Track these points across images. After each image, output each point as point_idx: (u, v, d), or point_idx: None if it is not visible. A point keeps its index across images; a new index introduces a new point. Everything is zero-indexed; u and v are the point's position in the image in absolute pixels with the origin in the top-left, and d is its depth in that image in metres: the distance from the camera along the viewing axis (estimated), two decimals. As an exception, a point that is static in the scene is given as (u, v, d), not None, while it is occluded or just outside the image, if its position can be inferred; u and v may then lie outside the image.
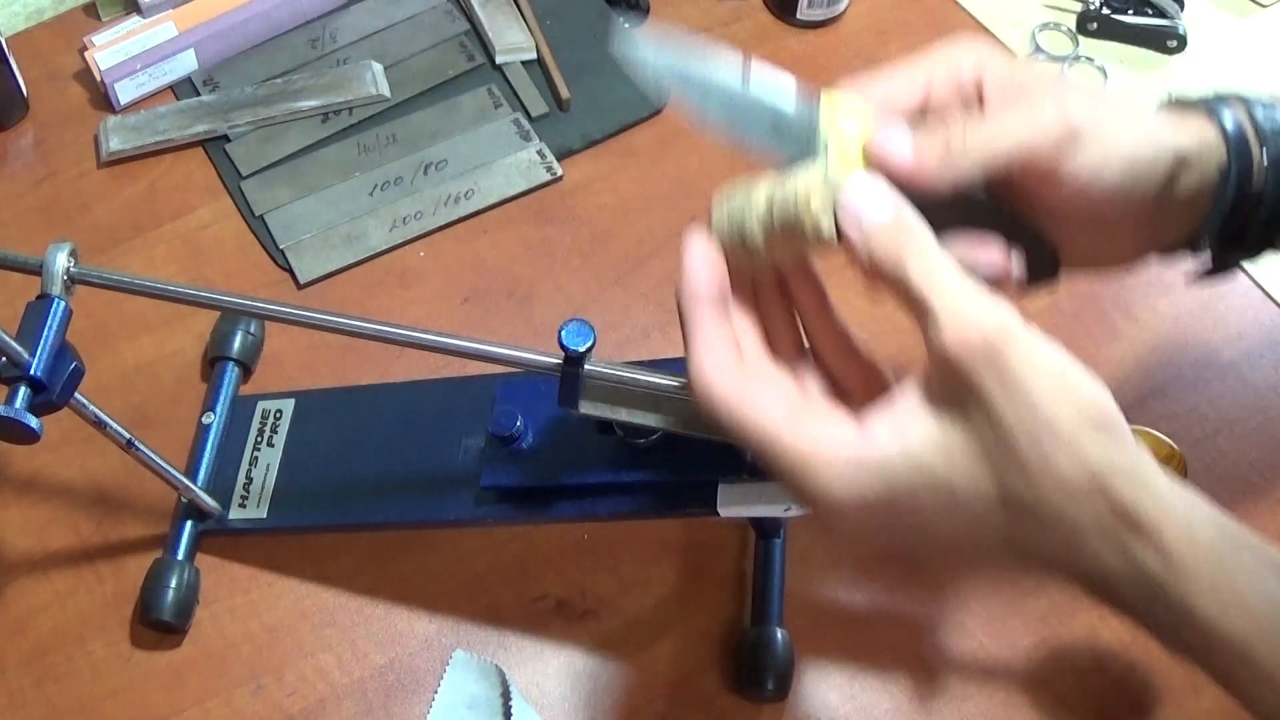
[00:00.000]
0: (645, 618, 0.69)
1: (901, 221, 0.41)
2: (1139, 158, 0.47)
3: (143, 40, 0.88)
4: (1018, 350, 0.38)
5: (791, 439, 0.40)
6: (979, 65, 0.47)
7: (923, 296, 0.39)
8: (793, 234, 0.43)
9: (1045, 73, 0.48)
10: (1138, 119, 0.47)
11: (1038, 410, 0.38)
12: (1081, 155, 0.45)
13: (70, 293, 0.56)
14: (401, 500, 0.68)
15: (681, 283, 0.44)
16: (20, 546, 0.71)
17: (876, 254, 0.40)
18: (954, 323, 0.38)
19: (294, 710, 0.66)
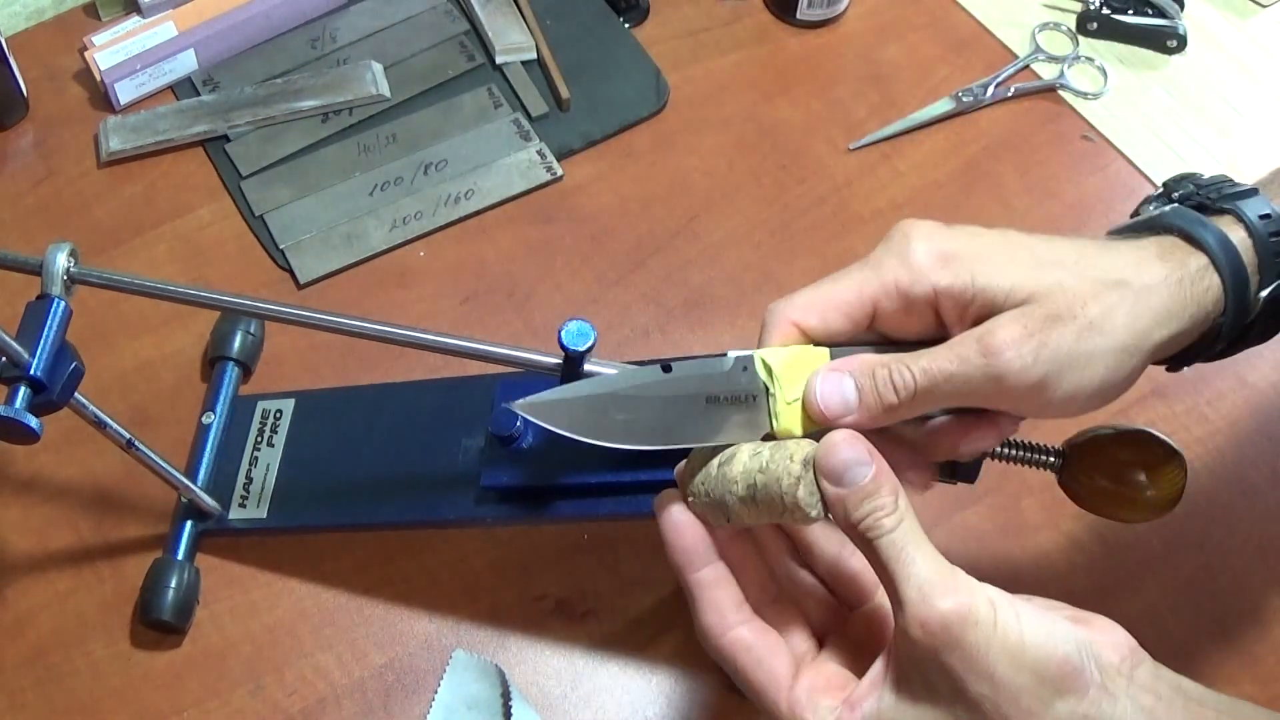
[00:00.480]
0: (645, 618, 0.69)
1: (875, 498, 0.42)
2: (1113, 379, 0.46)
3: (143, 40, 0.88)
4: (976, 635, 0.40)
5: (787, 712, 0.44)
6: (928, 279, 0.46)
7: (890, 581, 0.42)
8: (774, 512, 0.44)
9: (1007, 287, 0.45)
10: (1110, 337, 0.45)
11: (998, 685, 0.41)
12: (1046, 397, 0.45)
13: (70, 293, 0.56)
14: (401, 500, 0.68)
15: (670, 554, 0.47)
16: (20, 546, 0.71)
17: (854, 523, 0.43)
18: (917, 612, 0.41)
19: (294, 710, 0.66)
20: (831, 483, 0.42)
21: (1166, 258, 0.47)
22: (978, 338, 0.44)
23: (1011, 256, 0.46)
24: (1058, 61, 0.92)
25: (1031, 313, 0.44)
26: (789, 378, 0.46)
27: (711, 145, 0.88)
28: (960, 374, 0.44)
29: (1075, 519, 0.70)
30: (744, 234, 0.84)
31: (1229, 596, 0.70)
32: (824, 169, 0.87)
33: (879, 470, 0.42)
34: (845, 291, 0.47)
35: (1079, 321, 0.45)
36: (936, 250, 0.46)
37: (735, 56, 0.93)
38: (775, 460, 0.44)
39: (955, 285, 0.45)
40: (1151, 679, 0.43)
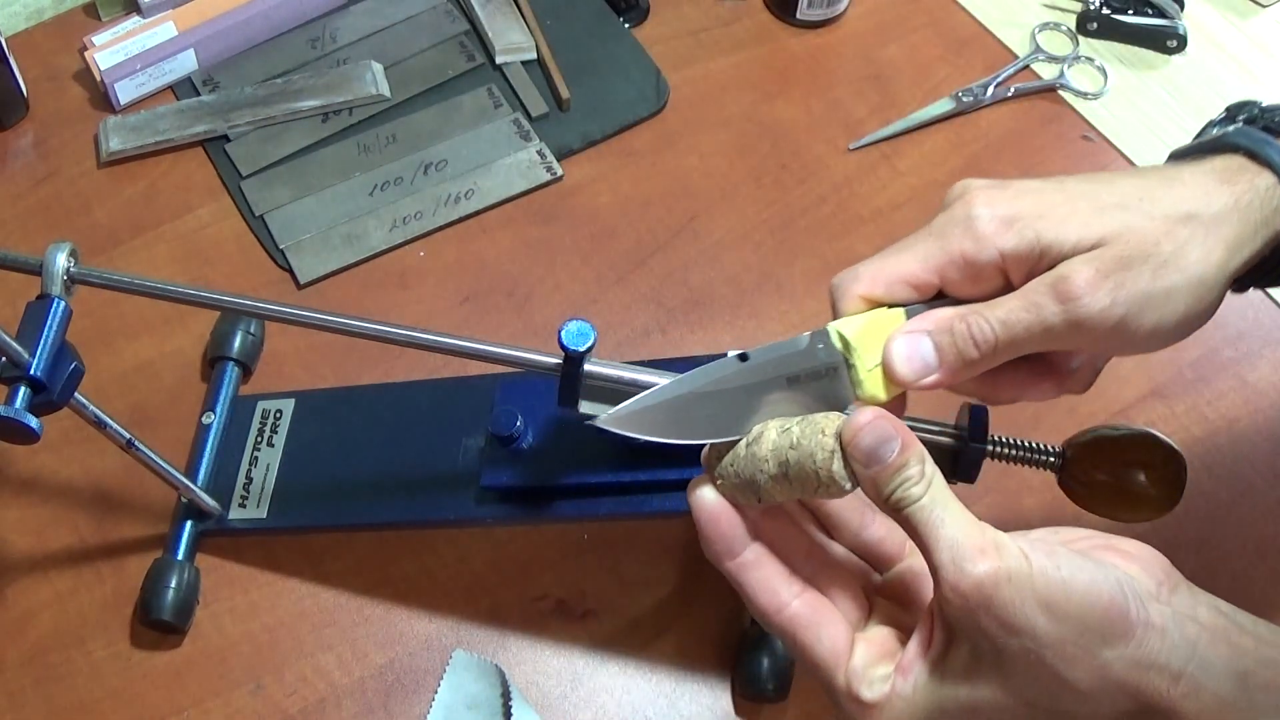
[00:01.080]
0: (645, 618, 0.69)
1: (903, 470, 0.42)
2: (1194, 311, 0.46)
3: (143, 40, 0.88)
4: (1008, 592, 0.40)
5: (845, 687, 0.44)
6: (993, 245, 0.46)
7: (925, 548, 0.42)
8: (808, 488, 0.44)
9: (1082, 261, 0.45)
10: (1186, 272, 0.45)
11: (1039, 638, 0.40)
12: (1127, 336, 0.45)
13: (70, 293, 0.56)
14: (401, 500, 0.68)
15: (707, 543, 0.46)
16: (20, 546, 0.71)
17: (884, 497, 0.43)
18: (949, 577, 0.41)
19: (294, 710, 0.66)
20: (860, 463, 0.42)
21: (1233, 179, 0.46)
22: (1051, 284, 0.44)
23: (1073, 208, 0.46)
24: (1058, 61, 0.92)
25: (1103, 255, 0.44)
26: (866, 345, 0.46)
27: (711, 145, 0.88)
28: (1039, 323, 0.44)
29: (1075, 519, 0.70)
30: (744, 234, 0.84)
31: (1229, 596, 0.69)
32: (824, 169, 0.87)
33: (905, 443, 0.42)
34: (910, 263, 0.47)
35: (1153, 260, 0.44)
36: (998, 215, 0.46)
37: (735, 56, 0.93)
38: (806, 436, 0.43)
39: (1021, 247, 0.45)
40: (1190, 603, 0.43)
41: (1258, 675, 0.42)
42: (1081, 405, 0.76)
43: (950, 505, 0.42)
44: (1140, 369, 0.78)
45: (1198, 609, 0.43)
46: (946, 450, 0.53)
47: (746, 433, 0.45)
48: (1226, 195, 0.46)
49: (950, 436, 0.53)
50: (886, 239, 0.86)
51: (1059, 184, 0.47)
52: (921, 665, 0.43)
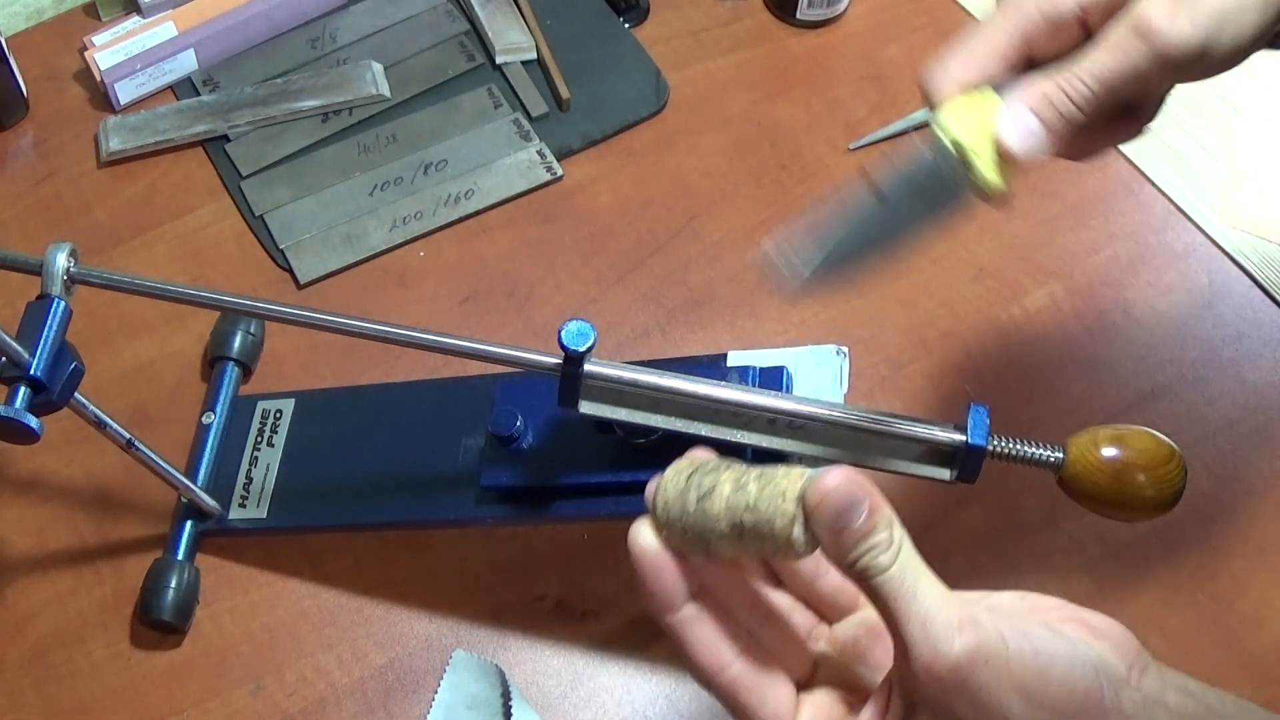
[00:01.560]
0: (645, 618, 0.68)
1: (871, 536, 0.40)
2: (1268, 18, 0.46)
3: (143, 40, 0.88)
4: (985, 676, 0.39)
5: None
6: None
7: (891, 619, 0.40)
8: (763, 551, 0.41)
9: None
10: None
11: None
12: (1211, 58, 0.46)
13: (70, 293, 0.56)
14: (401, 500, 0.68)
15: (646, 596, 0.43)
16: (20, 546, 0.71)
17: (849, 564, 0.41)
18: (922, 655, 0.39)
19: (294, 710, 0.66)
20: (825, 528, 0.40)
21: None
22: (1132, 26, 0.45)
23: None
24: (1058, 61, 0.92)
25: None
26: (977, 140, 0.46)
27: (711, 145, 0.88)
28: (1129, 64, 0.45)
29: (1075, 519, 0.70)
30: (744, 234, 0.84)
31: (1229, 596, 0.70)
32: (824, 169, 0.87)
33: (873, 506, 0.40)
34: (997, 35, 0.47)
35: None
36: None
37: (735, 56, 0.93)
38: (765, 499, 0.40)
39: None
40: (1159, 686, 0.42)
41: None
42: (1082, 405, 0.76)
43: (920, 574, 0.40)
44: (1140, 369, 0.78)
45: (1167, 693, 0.42)
46: (946, 450, 0.53)
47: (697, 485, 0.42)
48: None
49: (950, 436, 0.53)
50: (886, 239, 0.85)
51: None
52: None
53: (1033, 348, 0.78)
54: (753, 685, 0.43)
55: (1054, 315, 0.79)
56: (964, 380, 0.77)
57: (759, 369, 0.59)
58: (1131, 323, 0.80)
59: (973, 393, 0.76)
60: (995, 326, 0.79)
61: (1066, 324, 0.79)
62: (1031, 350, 0.78)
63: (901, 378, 0.77)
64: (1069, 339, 0.79)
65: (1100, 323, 0.80)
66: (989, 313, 0.79)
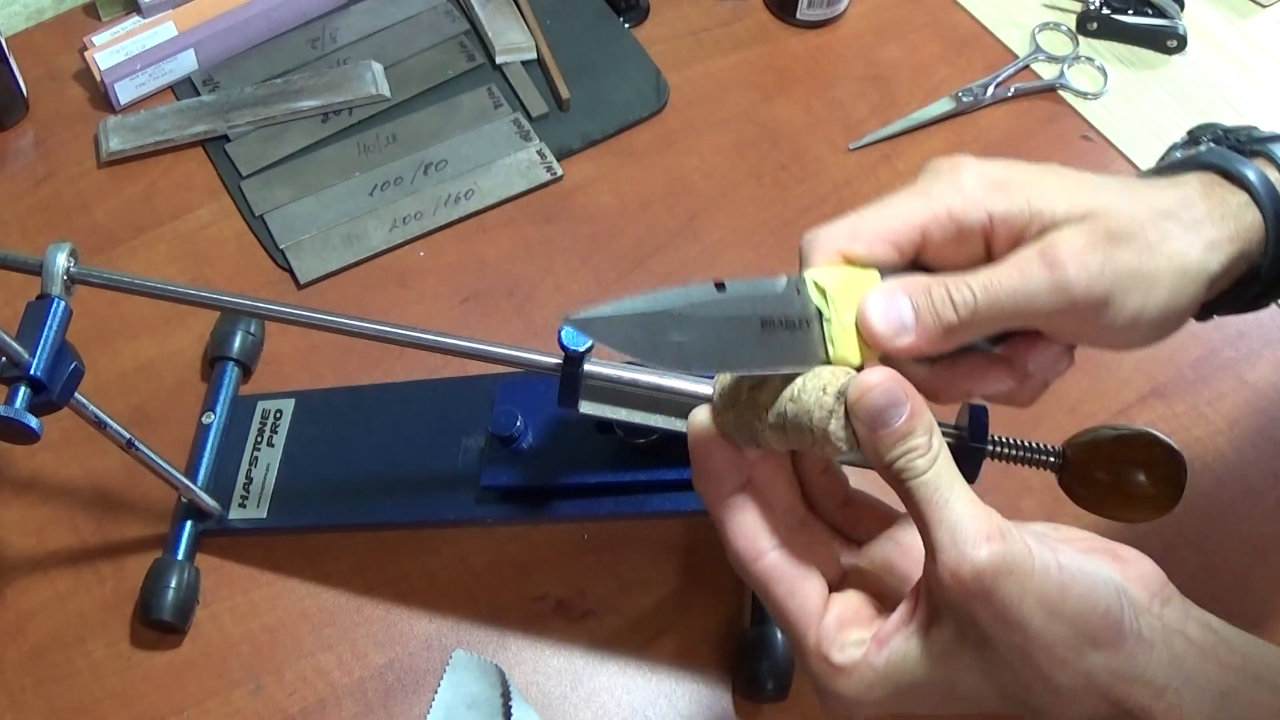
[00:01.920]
0: (645, 618, 0.69)
1: (909, 439, 0.41)
2: (1175, 305, 0.45)
3: (143, 40, 0.88)
4: (1009, 585, 0.39)
5: (815, 645, 0.43)
6: (982, 205, 0.44)
7: (923, 523, 0.41)
8: (804, 442, 0.42)
9: (1067, 210, 0.44)
10: (1170, 260, 0.44)
11: (1031, 637, 0.40)
12: (1109, 317, 0.44)
13: (70, 293, 0.56)
14: (401, 500, 0.68)
15: (697, 478, 0.44)
16: (20, 546, 0.71)
17: (886, 464, 0.41)
18: (948, 560, 0.40)
19: (294, 710, 0.66)
20: (865, 425, 0.40)
21: (1208, 195, 0.47)
22: (1040, 250, 0.43)
23: (1063, 183, 0.45)
24: (1058, 61, 0.92)
25: (1094, 227, 0.43)
26: (844, 300, 0.43)
27: (711, 145, 0.88)
28: (1023, 289, 0.43)
29: (1075, 519, 0.70)
30: (744, 234, 0.84)
31: (1229, 596, 0.70)
32: (824, 169, 0.87)
33: (914, 410, 0.40)
34: (893, 218, 0.45)
35: (1139, 242, 0.44)
36: (988, 177, 0.45)
37: (735, 56, 0.93)
38: (807, 390, 0.41)
39: (1011, 210, 0.44)
40: (1181, 617, 0.42)
41: (1243, 694, 0.42)
42: (1081, 405, 0.76)
43: (955, 483, 0.41)
44: (1140, 369, 0.78)
45: (1188, 624, 0.42)
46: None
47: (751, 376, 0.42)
48: (1203, 206, 0.46)
49: (950, 436, 0.53)
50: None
51: (1044, 166, 0.47)
52: (900, 639, 0.42)
53: (1033, 348, 0.78)
54: (784, 576, 0.44)
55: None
56: (964, 380, 0.77)
57: (759, 369, 0.59)
58: (1131, 323, 0.80)
59: (973, 393, 0.76)
60: (995, 326, 0.79)
61: (1066, 324, 0.79)
62: (1031, 350, 0.78)
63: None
64: (1069, 339, 0.79)
65: (1100, 323, 0.80)
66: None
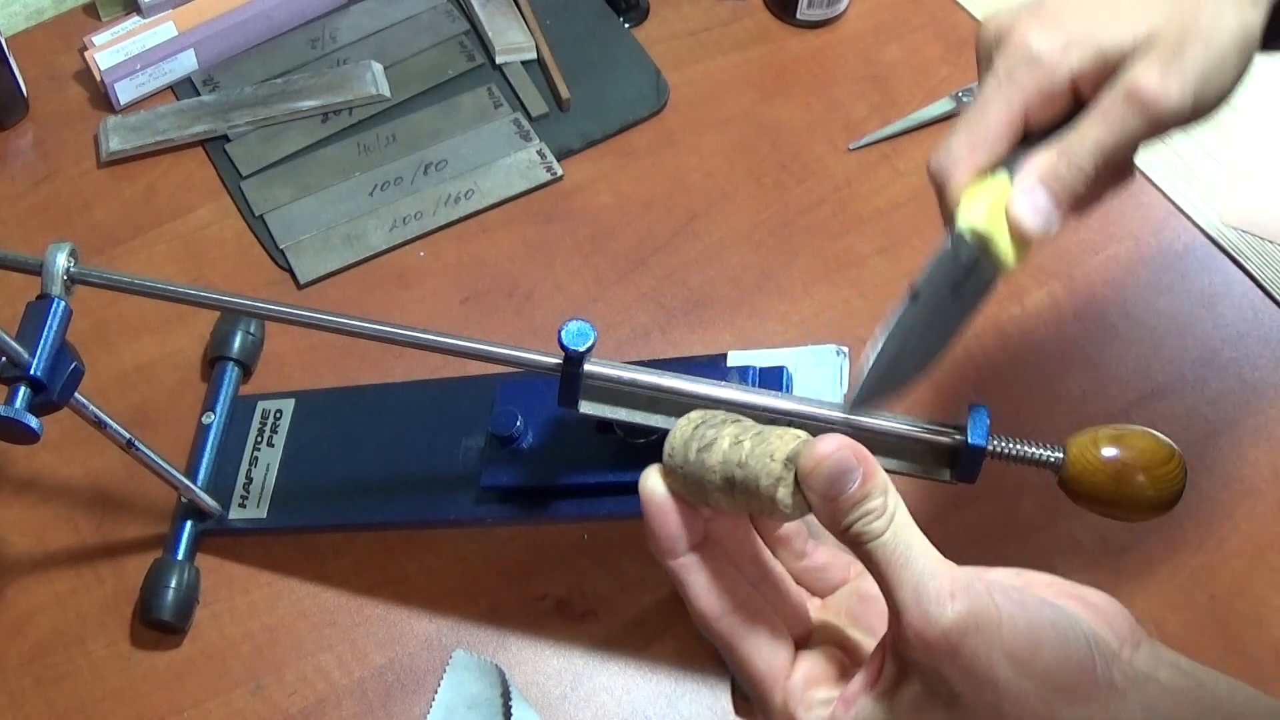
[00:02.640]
0: (645, 618, 0.69)
1: (864, 503, 0.40)
2: (1242, 70, 0.49)
3: (143, 40, 0.88)
4: (976, 642, 0.39)
5: (781, 705, 0.43)
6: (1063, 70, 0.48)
7: (885, 584, 0.40)
8: (753, 507, 0.42)
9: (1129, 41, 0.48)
10: (1229, 40, 0.48)
11: (1002, 692, 0.39)
12: (1196, 111, 0.48)
13: (70, 293, 0.56)
14: (401, 500, 0.68)
15: (652, 539, 0.44)
16: (20, 546, 0.71)
17: (843, 530, 0.41)
18: (913, 620, 0.39)
19: (294, 710, 0.66)
20: (819, 495, 0.40)
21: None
22: (1124, 94, 0.47)
23: (1116, 9, 0.48)
24: (1058, 61, 0.92)
25: (1160, 50, 0.47)
26: (995, 225, 0.48)
27: (711, 145, 0.88)
28: (1126, 134, 0.47)
29: (1075, 519, 0.70)
30: (744, 234, 0.84)
31: (1229, 596, 0.70)
32: (824, 169, 0.87)
33: (867, 473, 0.40)
34: (999, 116, 0.49)
35: (1199, 37, 0.47)
36: (1054, 41, 0.48)
37: (735, 56, 0.93)
38: (756, 455, 0.41)
39: (1087, 63, 0.48)
40: (1152, 662, 0.42)
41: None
42: (1081, 405, 0.76)
43: (914, 540, 0.40)
44: (1140, 369, 0.78)
45: (1160, 669, 0.42)
46: (946, 450, 0.53)
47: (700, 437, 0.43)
48: None
49: (950, 436, 0.53)
50: (886, 239, 0.86)
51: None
52: (866, 699, 0.41)
53: (1033, 348, 0.78)
54: (749, 635, 0.44)
55: (1054, 315, 0.79)
56: (964, 380, 0.77)
57: (759, 369, 0.59)
58: (1131, 323, 0.80)
59: (973, 393, 0.76)
60: (995, 326, 0.79)
61: (1066, 324, 0.79)
62: (1031, 350, 0.78)
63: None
64: (1069, 339, 0.79)
65: (1100, 323, 0.80)
66: (989, 313, 0.79)
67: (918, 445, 0.53)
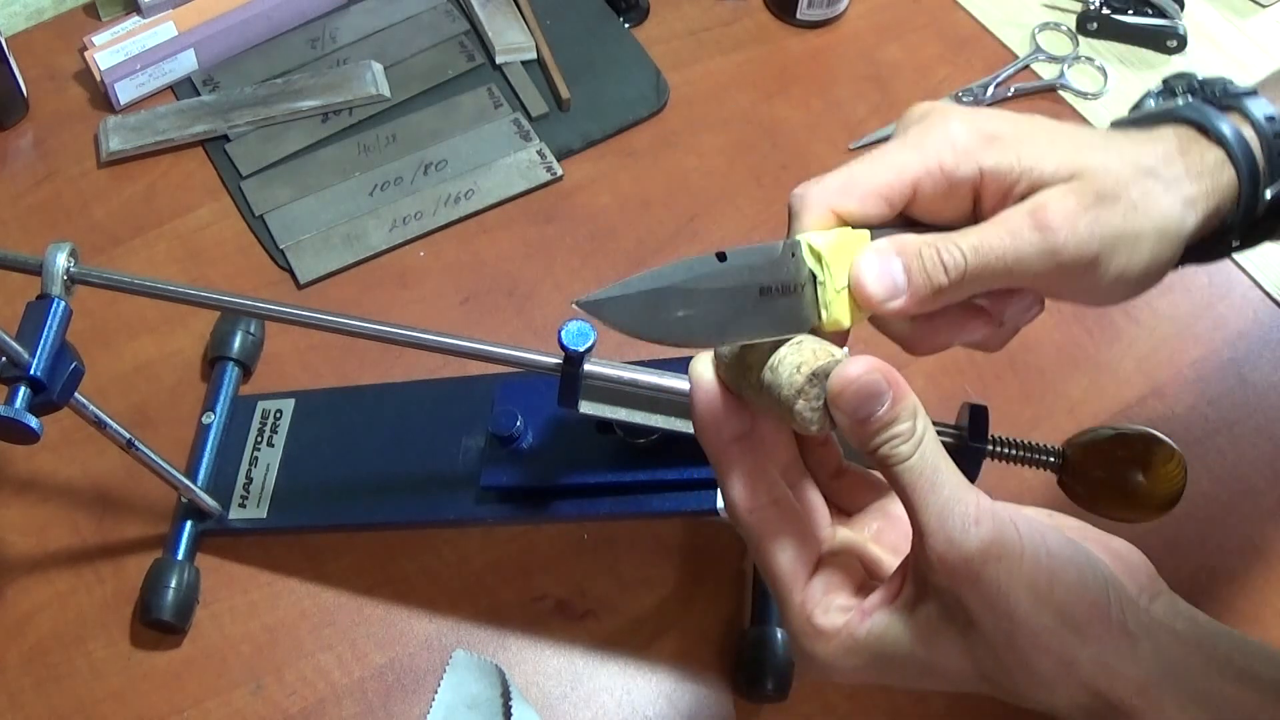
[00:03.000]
0: (645, 618, 0.69)
1: (893, 426, 0.40)
2: (1157, 262, 0.46)
3: (143, 40, 0.88)
4: (997, 571, 0.39)
5: (800, 605, 0.43)
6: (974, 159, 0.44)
7: (911, 506, 0.40)
8: (778, 414, 0.41)
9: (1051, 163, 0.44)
10: (1153, 220, 0.45)
11: (1017, 622, 0.39)
12: (1095, 276, 0.45)
13: (70, 293, 0.56)
14: (401, 500, 0.68)
15: (697, 422, 0.43)
16: (20, 546, 0.71)
17: (871, 451, 0.41)
18: (937, 544, 0.39)
19: (294, 710, 0.66)
20: (848, 417, 0.39)
21: (1186, 151, 0.47)
22: (1030, 211, 0.43)
23: (1052, 139, 0.45)
24: (1058, 61, 0.92)
25: (1082, 188, 0.44)
26: (837, 263, 0.43)
27: (711, 145, 0.88)
28: (1014, 252, 0.43)
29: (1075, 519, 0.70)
30: (744, 234, 0.84)
31: (1229, 596, 0.70)
32: (824, 169, 0.86)
33: (896, 396, 0.40)
34: (885, 172, 0.44)
35: (1124, 202, 0.44)
36: (979, 130, 0.45)
37: (735, 56, 0.93)
38: (785, 364, 0.40)
39: (1002, 165, 0.44)
40: (1169, 613, 0.42)
41: (1227, 691, 0.42)
42: (1081, 405, 0.76)
43: (941, 465, 0.40)
44: (1140, 369, 0.78)
45: (1176, 620, 0.42)
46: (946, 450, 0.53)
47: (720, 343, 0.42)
48: (1181, 163, 0.46)
49: (950, 436, 0.53)
50: (886, 239, 0.85)
51: (1031, 119, 0.47)
52: (884, 613, 0.41)
53: (1033, 348, 0.78)
54: (778, 530, 0.43)
55: (1054, 315, 0.79)
56: (964, 380, 0.77)
57: (759, 369, 0.59)
58: (1131, 323, 0.80)
59: (972, 392, 0.76)
60: (995, 326, 0.79)
61: (1066, 324, 0.79)
62: (1031, 350, 0.78)
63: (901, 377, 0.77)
64: (1069, 339, 0.79)
65: (1100, 323, 0.80)
66: (989, 313, 0.79)
67: (918, 445, 0.53)
